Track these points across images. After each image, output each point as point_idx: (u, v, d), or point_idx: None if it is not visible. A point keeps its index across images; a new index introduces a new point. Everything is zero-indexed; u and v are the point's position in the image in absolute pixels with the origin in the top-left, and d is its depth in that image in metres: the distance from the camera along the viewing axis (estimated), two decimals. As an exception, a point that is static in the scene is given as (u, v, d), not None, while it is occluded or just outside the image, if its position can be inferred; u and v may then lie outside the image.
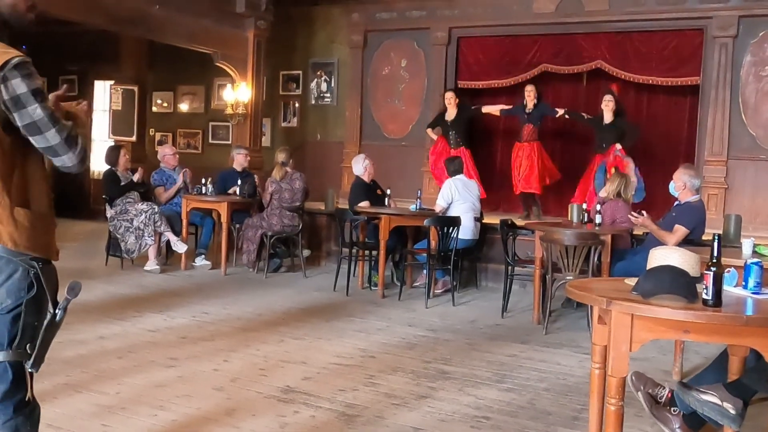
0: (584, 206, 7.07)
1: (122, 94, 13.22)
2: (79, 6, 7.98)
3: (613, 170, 8.12)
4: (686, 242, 5.69)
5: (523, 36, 10.32)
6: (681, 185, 6.07)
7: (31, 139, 2.21)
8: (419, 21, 10.84)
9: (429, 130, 10.10)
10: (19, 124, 2.18)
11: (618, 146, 8.55)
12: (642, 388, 3.40)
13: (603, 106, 8.73)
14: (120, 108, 13.23)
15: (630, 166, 8.39)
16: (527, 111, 9.29)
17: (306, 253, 8.89)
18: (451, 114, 9.66)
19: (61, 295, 2.35)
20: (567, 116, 9.32)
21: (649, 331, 2.90)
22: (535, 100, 9.26)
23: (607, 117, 8.70)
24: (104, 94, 13.62)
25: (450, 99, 9.69)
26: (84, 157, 2.27)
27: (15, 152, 2.24)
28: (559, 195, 9.84)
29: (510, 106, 9.71)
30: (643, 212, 6.25)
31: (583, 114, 9.26)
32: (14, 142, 2.22)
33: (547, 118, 9.48)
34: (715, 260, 2.85)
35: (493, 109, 9.85)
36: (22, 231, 2.24)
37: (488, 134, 10.80)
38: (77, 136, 2.25)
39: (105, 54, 12.86)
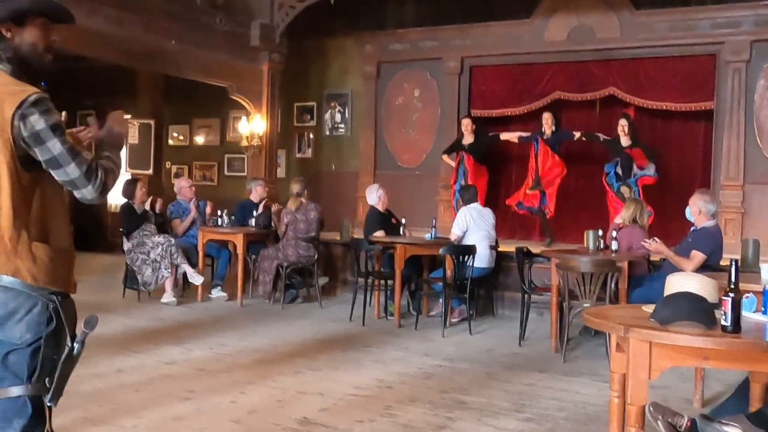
0: (600, 233, 7.05)
1: (139, 128, 13.39)
2: (97, 43, 8.11)
3: (627, 197, 8.15)
4: (704, 268, 5.65)
5: (536, 64, 10.37)
6: (696, 211, 6.05)
7: (52, 173, 2.25)
8: (432, 51, 10.93)
9: (445, 157, 10.15)
10: (40, 158, 2.23)
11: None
12: (661, 417, 3.36)
13: (619, 130, 8.79)
14: (137, 142, 13.38)
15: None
16: (545, 138, 9.35)
17: (323, 280, 8.89)
18: (468, 139, 9.77)
19: (79, 328, 2.36)
20: (584, 138, 9.36)
21: (667, 359, 2.88)
22: (553, 127, 9.32)
23: (624, 141, 8.75)
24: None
25: (467, 126, 9.80)
26: (104, 189, 2.31)
27: (34, 187, 2.28)
28: (575, 221, 9.82)
29: (528, 134, 9.75)
30: (656, 238, 6.22)
31: (599, 135, 9.30)
32: (33, 178, 2.27)
33: (564, 143, 9.52)
34: (733, 286, 2.83)
35: (511, 136, 9.93)
36: (41, 266, 2.27)
37: (504, 158, 10.81)
38: (97, 168, 2.29)
39: (122, 89, 13.04)
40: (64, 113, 2.37)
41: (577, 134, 9.38)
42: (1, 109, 2.18)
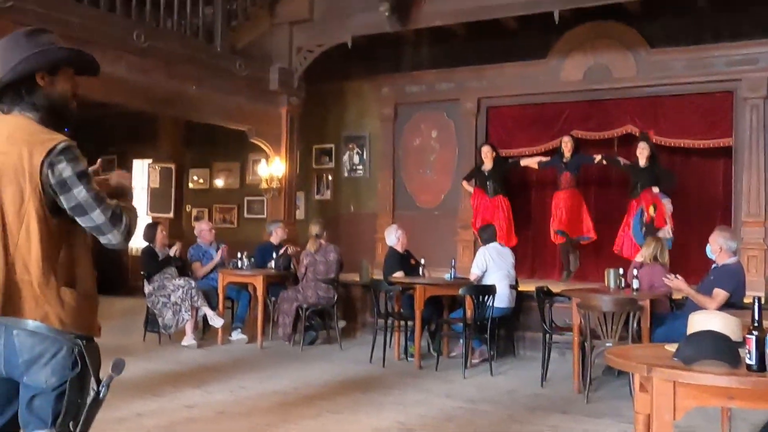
0: (621, 271, 7.01)
1: (160, 172, 13.54)
2: (120, 89, 8.26)
3: (649, 235, 8.11)
4: (726, 305, 5.59)
5: (552, 104, 10.43)
6: (717, 248, 6.00)
7: (77, 219, 2.30)
8: (448, 93, 11.03)
9: (464, 183, 10.22)
10: (65, 206, 2.28)
11: (655, 189, 8.63)
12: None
13: (638, 152, 8.82)
14: (158, 186, 13.53)
15: (668, 207, 8.55)
16: (564, 160, 9.40)
17: (341, 324, 8.88)
18: (488, 166, 9.80)
19: (103, 372, 2.38)
20: (604, 162, 9.40)
21: (692, 399, 2.85)
22: (572, 150, 9.38)
23: (642, 162, 8.77)
24: (143, 173, 13.95)
25: (486, 153, 9.87)
26: (128, 233, 2.36)
27: (61, 233, 2.32)
28: (594, 257, 9.79)
29: (548, 158, 9.81)
30: (678, 275, 6.18)
31: (619, 159, 9.32)
32: (61, 224, 2.31)
33: (584, 166, 9.56)
34: (756, 324, 2.80)
35: (531, 162, 10.00)
36: (69, 310, 2.30)
37: (524, 185, 10.84)
38: (122, 213, 2.35)
39: (143, 134, 13.24)
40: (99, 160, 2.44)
41: (598, 157, 9.44)
42: (31, 157, 2.24)
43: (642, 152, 8.80)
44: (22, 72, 2.33)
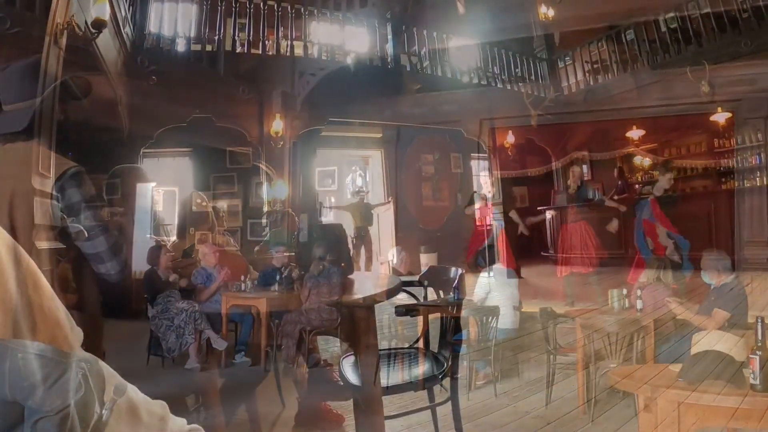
0: (624, 292, 7.00)
1: (163, 195, 13.56)
2: (122, 113, 8.31)
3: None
4: (729, 325, 5.57)
5: (554, 125, 10.45)
6: (715, 272, 5.99)
7: (80, 244, 2.32)
8: (450, 114, 11.06)
9: (467, 210, 10.19)
10: (71, 230, 2.30)
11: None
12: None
13: (662, 177, 8.86)
14: (161, 209, 13.54)
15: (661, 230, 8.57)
16: (570, 192, 9.41)
17: (343, 345, 8.85)
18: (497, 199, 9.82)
19: (107, 395, 2.38)
20: (608, 204, 9.43)
21: (696, 419, 2.84)
22: (579, 182, 9.39)
23: (663, 185, 8.82)
24: (146, 196, 13.95)
25: (491, 182, 9.85)
26: (124, 268, 2.39)
27: (70, 254, 2.35)
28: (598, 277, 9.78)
29: (550, 206, 9.82)
30: (675, 298, 6.19)
31: (625, 197, 9.36)
32: (69, 245, 2.34)
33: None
34: (760, 344, 2.80)
35: (537, 220, 10.00)
36: (77, 333, 2.31)
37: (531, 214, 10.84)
38: (122, 245, 2.38)
39: (146, 157, 13.26)
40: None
41: (605, 198, 9.45)
42: (42, 181, 2.28)
43: (666, 183, 8.83)
44: (57, 98, 2.39)
